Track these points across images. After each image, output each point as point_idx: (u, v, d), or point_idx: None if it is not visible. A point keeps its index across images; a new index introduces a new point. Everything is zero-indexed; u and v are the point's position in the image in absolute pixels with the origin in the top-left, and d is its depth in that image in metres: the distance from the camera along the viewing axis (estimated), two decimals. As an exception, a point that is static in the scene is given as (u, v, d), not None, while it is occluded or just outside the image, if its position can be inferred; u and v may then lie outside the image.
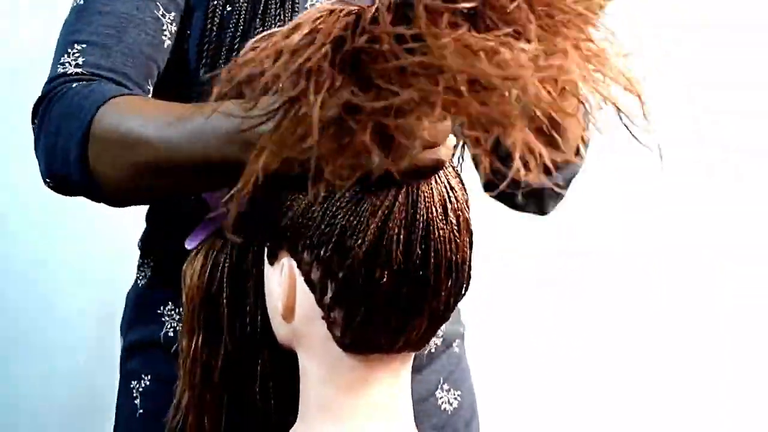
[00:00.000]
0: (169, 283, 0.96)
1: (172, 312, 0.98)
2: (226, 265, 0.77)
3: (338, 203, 0.68)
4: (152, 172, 0.76)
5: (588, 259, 1.78)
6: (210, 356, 0.77)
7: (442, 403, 1.03)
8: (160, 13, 0.90)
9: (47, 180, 0.84)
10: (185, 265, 0.79)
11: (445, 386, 1.03)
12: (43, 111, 0.84)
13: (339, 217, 0.68)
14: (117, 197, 0.81)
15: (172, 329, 0.98)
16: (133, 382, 1.01)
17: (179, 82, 0.95)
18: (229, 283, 0.77)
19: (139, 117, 0.77)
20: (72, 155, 0.79)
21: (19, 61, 1.57)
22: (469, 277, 0.73)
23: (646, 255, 1.79)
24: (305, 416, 0.74)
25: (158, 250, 1.02)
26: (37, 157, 0.85)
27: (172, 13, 0.91)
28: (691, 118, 1.71)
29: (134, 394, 1.01)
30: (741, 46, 1.75)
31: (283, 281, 0.72)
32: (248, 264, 0.77)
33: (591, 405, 1.81)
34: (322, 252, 0.68)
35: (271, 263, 0.74)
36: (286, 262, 0.72)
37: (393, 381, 0.73)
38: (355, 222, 0.67)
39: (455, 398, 1.04)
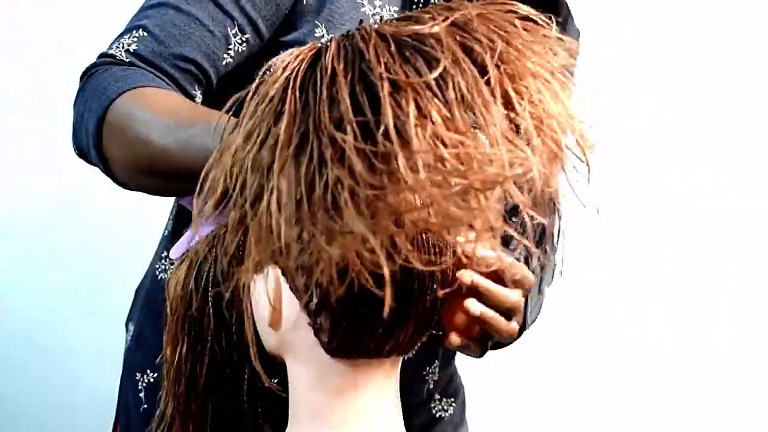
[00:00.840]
0: None
1: None
2: (211, 274, 0.77)
3: None
4: (148, 170, 0.79)
5: (584, 265, 1.77)
6: (194, 366, 0.77)
7: (437, 411, 1.04)
8: (233, 32, 0.89)
9: (75, 148, 0.88)
10: (169, 274, 0.78)
11: (437, 396, 1.05)
12: (83, 84, 0.87)
13: None
14: (123, 180, 0.84)
15: None
16: (138, 375, 1.01)
17: None
18: (214, 292, 0.76)
19: (148, 114, 0.79)
20: (90, 131, 0.82)
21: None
22: (455, 281, 0.73)
23: (644, 257, 1.78)
24: (295, 423, 0.74)
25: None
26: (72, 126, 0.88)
27: (246, 35, 0.90)
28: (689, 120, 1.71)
29: (139, 388, 1.01)
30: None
31: (268, 289, 0.72)
32: (233, 273, 0.76)
33: (590, 406, 1.81)
34: (305, 258, 0.68)
35: (256, 272, 0.74)
36: (272, 270, 0.72)
37: (382, 385, 0.73)
38: None
39: (450, 404, 1.05)
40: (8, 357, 1.67)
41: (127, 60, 0.86)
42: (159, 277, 1.04)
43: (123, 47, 0.87)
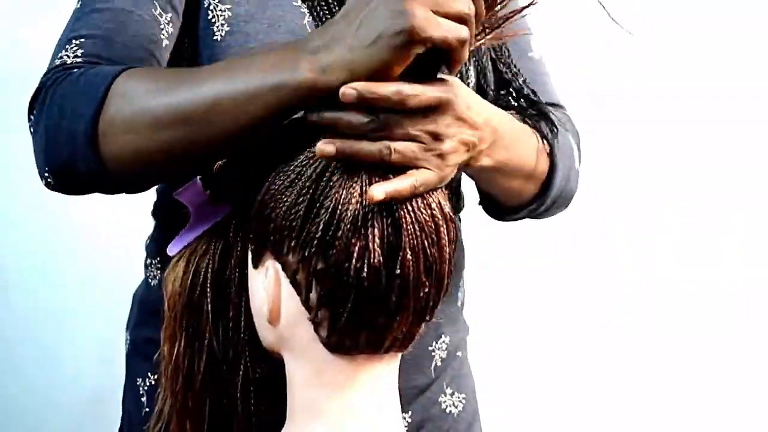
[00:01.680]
0: None
1: None
2: (209, 270, 0.77)
3: (318, 203, 0.68)
4: (169, 118, 0.73)
5: (588, 263, 1.77)
6: (192, 362, 0.77)
7: (447, 406, 1.02)
8: (157, 12, 0.88)
9: (46, 173, 0.80)
10: (167, 271, 0.78)
11: (448, 390, 1.03)
12: (42, 98, 0.80)
13: (321, 214, 0.68)
14: (130, 171, 0.77)
15: None
16: (139, 380, 1.01)
17: None
18: (212, 288, 0.76)
19: (167, 72, 0.78)
20: (79, 133, 0.76)
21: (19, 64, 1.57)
22: (450, 273, 0.73)
23: (646, 258, 1.79)
24: (293, 418, 0.74)
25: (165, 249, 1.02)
26: (34, 152, 0.81)
27: (169, 14, 0.90)
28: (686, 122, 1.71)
29: (140, 392, 1.00)
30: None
31: (268, 284, 0.72)
32: (231, 269, 0.76)
33: (593, 406, 1.80)
34: (305, 252, 0.68)
35: (255, 267, 0.74)
36: (271, 265, 0.72)
37: (380, 381, 0.73)
38: (333, 217, 0.67)
39: (460, 401, 1.04)
40: (11, 358, 1.68)
41: (81, 62, 0.83)
42: (151, 283, 1.03)
43: (69, 56, 0.83)
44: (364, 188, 0.68)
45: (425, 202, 0.70)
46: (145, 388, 1.00)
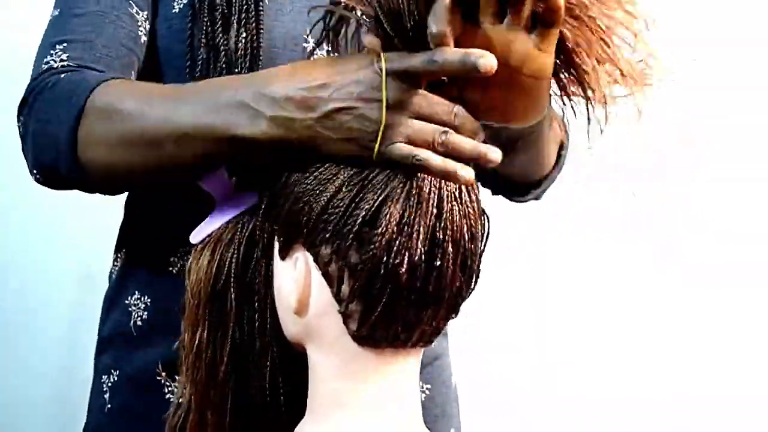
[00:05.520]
0: (136, 273, 0.98)
1: (138, 301, 0.97)
2: (234, 260, 0.76)
3: (359, 196, 0.68)
4: (139, 142, 0.77)
5: (582, 257, 1.78)
6: (215, 352, 0.76)
7: None
8: (134, 11, 0.92)
9: (35, 171, 0.85)
10: (190, 260, 0.77)
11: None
12: (31, 102, 0.84)
13: (362, 207, 0.68)
14: (103, 179, 0.81)
15: (139, 318, 0.97)
16: (103, 377, 1.01)
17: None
18: (237, 278, 0.75)
19: (137, 91, 0.80)
20: (62, 139, 0.80)
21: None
22: (479, 268, 0.74)
23: (640, 255, 1.80)
24: (315, 410, 0.73)
25: (131, 241, 1.02)
26: (24, 151, 0.85)
27: (145, 12, 0.93)
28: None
29: (104, 389, 1.00)
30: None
31: (297, 275, 0.72)
32: (257, 259, 0.76)
33: (586, 405, 1.81)
34: (341, 244, 0.68)
35: (283, 258, 0.73)
36: (301, 257, 0.71)
37: (404, 372, 0.73)
38: (376, 212, 0.67)
39: (423, 391, 1.03)
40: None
41: (67, 65, 0.86)
42: (113, 277, 1.04)
43: (56, 61, 0.87)
44: (411, 183, 0.68)
45: (469, 196, 0.71)
46: (109, 384, 1.00)
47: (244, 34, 0.89)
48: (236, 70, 0.88)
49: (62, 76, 0.84)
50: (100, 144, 0.78)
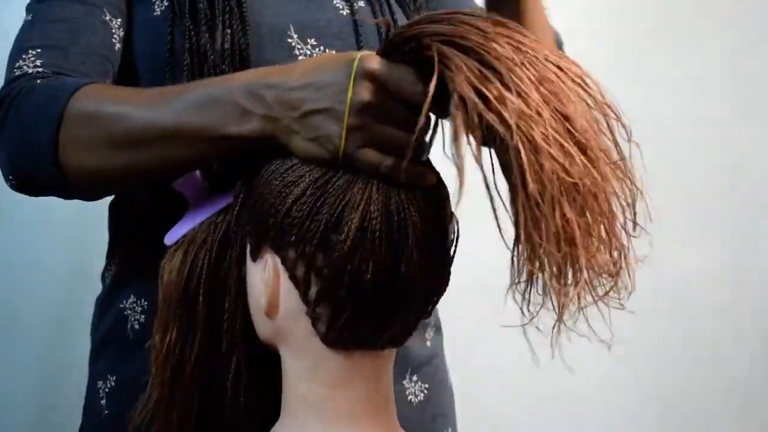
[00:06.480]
0: (132, 277, 0.97)
1: (135, 305, 0.96)
2: (206, 261, 0.76)
3: (321, 200, 0.68)
4: (125, 144, 0.77)
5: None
6: (182, 353, 0.76)
7: (409, 394, 1.02)
8: (108, 18, 0.92)
9: (10, 177, 0.84)
10: (164, 260, 0.77)
11: (414, 377, 1.02)
12: (7, 107, 0.83)
13: (323, 212, 0.68)
14: (85, 184, 0.81)
15: (136, 322, 0.96)
16: (99, 383, 0.99)
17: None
18: (209, 279, 0.75)
19: (119, 95, 0.80)
20: (42, 145, 0.79)
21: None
22: (449, 272, 0.74)
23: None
24: (288, 413, 0.73)
25: (125, 247, 1.01)
26: None
27: (118, 20, 0.93)
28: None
29: (101, 395, 0.99)
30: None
31: (266, 277, 0.72)
32: (229, 260, 0.76)
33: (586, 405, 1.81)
34: (306, 248, 0.68)
35: (254, 259, 0.74)
36: (270, 259, 0.72)
37: (376, 375, 0.73)
38: (338, 218, 0.68)
39: (422, 390, 1.03)
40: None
41: (42, 72, 0.85)
42: (106, 282, 1.03)
43: (29, 66, 0.86)
44: (372, 189, 0.68)
45: (433, 201, 0.71)
46: (105, 391, 0.98)
47: (229, 34, 0.89)
48: (224, 70, 0.88)
49: (38, 81, 0.83)
50: (82, 148, 0.78)
